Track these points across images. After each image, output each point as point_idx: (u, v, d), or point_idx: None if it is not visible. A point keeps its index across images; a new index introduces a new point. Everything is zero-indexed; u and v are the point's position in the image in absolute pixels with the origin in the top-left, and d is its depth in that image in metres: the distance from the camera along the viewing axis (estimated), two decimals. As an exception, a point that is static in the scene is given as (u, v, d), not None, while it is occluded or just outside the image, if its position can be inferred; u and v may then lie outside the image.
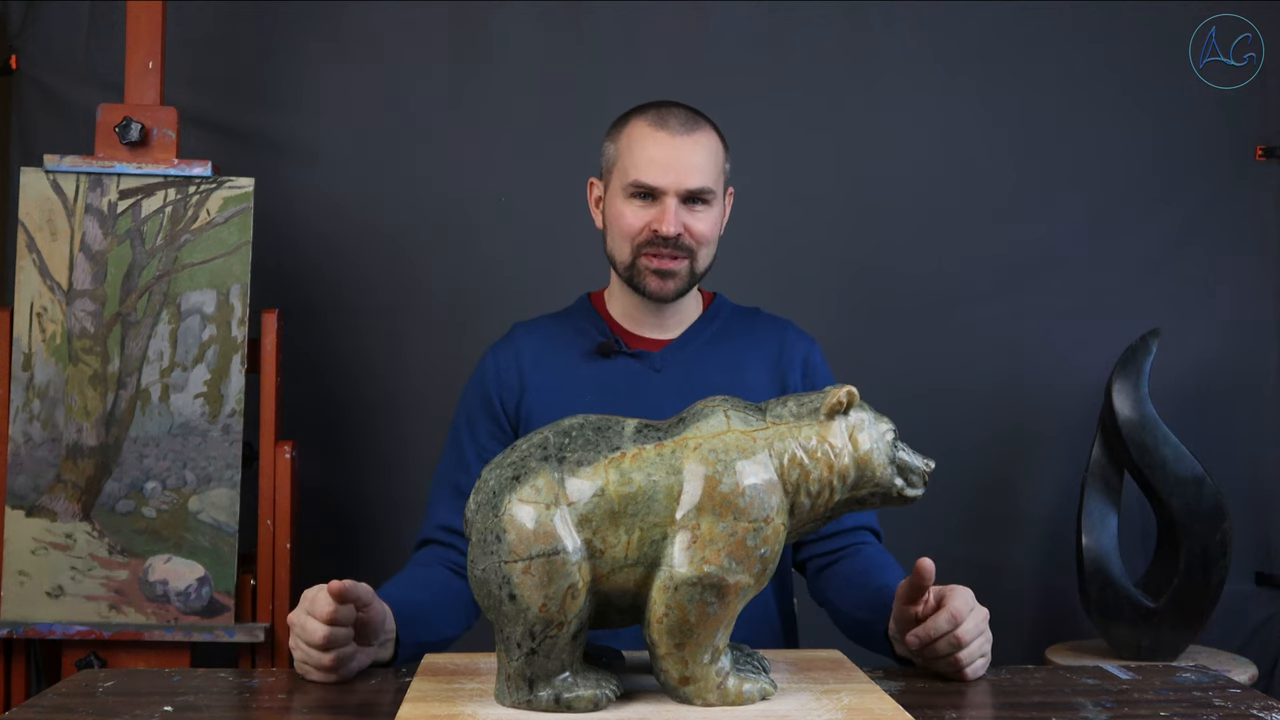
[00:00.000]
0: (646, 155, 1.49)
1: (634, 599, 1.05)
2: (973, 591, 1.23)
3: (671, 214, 1.48)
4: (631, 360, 1.56)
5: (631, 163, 1.50)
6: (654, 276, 1.51)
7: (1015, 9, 2.56)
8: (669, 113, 1.51)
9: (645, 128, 1.51)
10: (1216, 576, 2.24)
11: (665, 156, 1.48)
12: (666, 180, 1.48)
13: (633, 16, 2.52)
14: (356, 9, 2.49)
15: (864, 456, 1.06)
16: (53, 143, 2.35)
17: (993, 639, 1.23)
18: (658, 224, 1.48)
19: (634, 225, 1.51)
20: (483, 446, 1.55)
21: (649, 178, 1.48)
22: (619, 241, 1.53)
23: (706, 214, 1.52)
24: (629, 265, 1.53)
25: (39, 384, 2.10)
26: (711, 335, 1.60)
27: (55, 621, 2.05)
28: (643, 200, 1.50)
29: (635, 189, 1.50)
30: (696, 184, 1.49)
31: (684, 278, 1.53)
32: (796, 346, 1.61)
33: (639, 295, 1.55)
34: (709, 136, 1.52)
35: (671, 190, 1.48)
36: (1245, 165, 2.59)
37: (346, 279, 2.47)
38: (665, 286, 1.52)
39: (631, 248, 1.52)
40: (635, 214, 1.51)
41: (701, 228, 1.51)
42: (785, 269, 2.51)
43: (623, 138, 1.53)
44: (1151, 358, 2.30)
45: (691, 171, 1.48)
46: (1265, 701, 1.15)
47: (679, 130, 1.49)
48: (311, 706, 1.13)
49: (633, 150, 1.50)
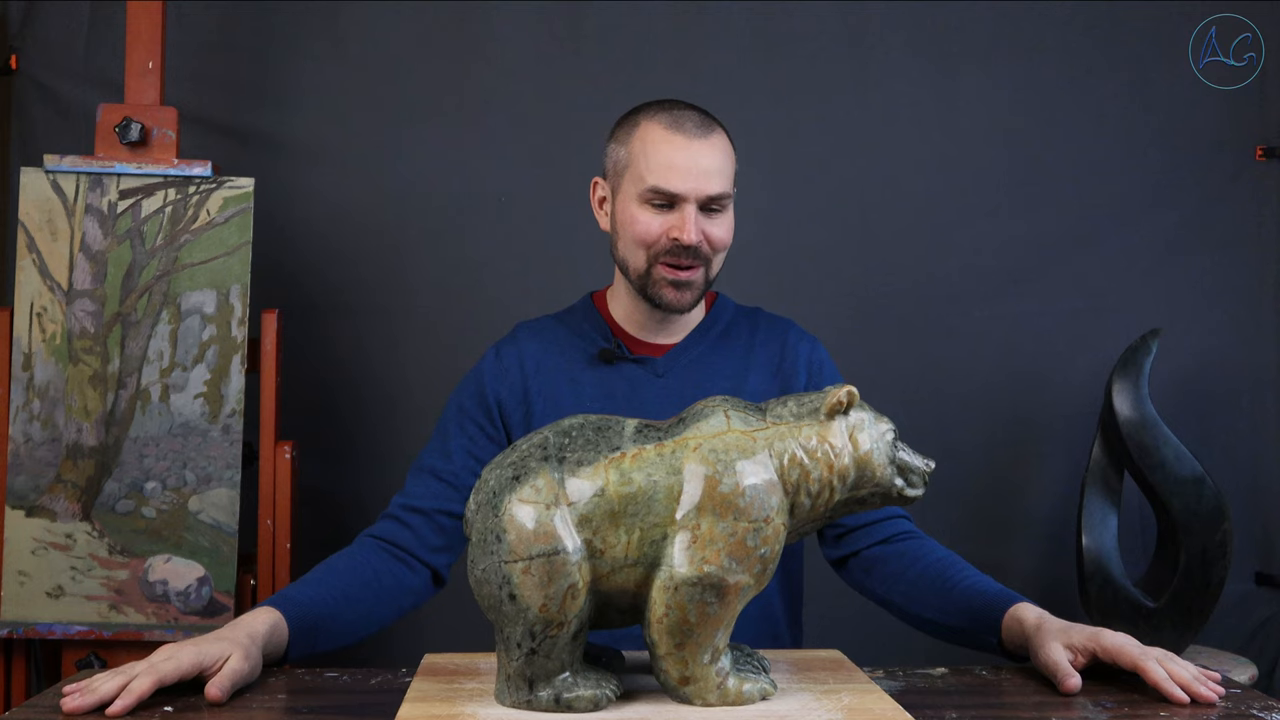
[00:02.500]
0: (664, 160, 1.44)
1: (634, 599, 1.05)
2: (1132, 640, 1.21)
3: (692, 222, 1.43)
4: (634, 366, 1.53)
5: (647, 168, 1.45)
6: (671, 288, 1.47)
7: (1015, 9, 2.56)
8: (684, 115, 1.46)
9: (660, 130, 1.45)
10: (1216, 576, 2.24)
11: (684, 162, 1.43)
12: (686, 187, 1.43)
13: (633, 17, 2.52)
14: (355, 9, 2.49)
15: (864, 456, 1.06)
16: (53, 143, 2.35)
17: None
18: (678, 232, 1.44)
19: (651, 232, 1.45)
20: (470, 438, 1.51)
21: (669, 184, 1.43)
22: (633, 249, 1.48)
23: (723, 220, 1.48)
24: (644, 273, 1.48)
25: (39, 384, 2.10)
26: (714, 340, 1.57)
27: (55, 621, 2.05)
28: (659, 207, 1.45)
29: (653, 195, 1.45)
30: (716, 189, 1.44)
31: (699, 287, 1.49)
32: (799, 348, 1.58)
33: (650, 304, 1.50)
34: (723, 139, 1.48)
35: (692, 197, 1.43)
36: (1245, 165, 2.59)
37: (346, 279, 2.47)
38: (682, 298, 1.48)
39: (648, 256, 1.47)
40: (652, 220, 1.45)
41: (719, 234, 1.47)
42: (785, 269, 2.51)
43: (635, 140, 1.48)
44: (1151, 358, 2.30)
45: (710, 177, 1.44)
46: (1265, 701, 1.15)
47: (695, 134, 1.45)
48: (311, 707, 1.13)
49: (648, 154, 1.45)
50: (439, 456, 1.51)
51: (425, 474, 1.49)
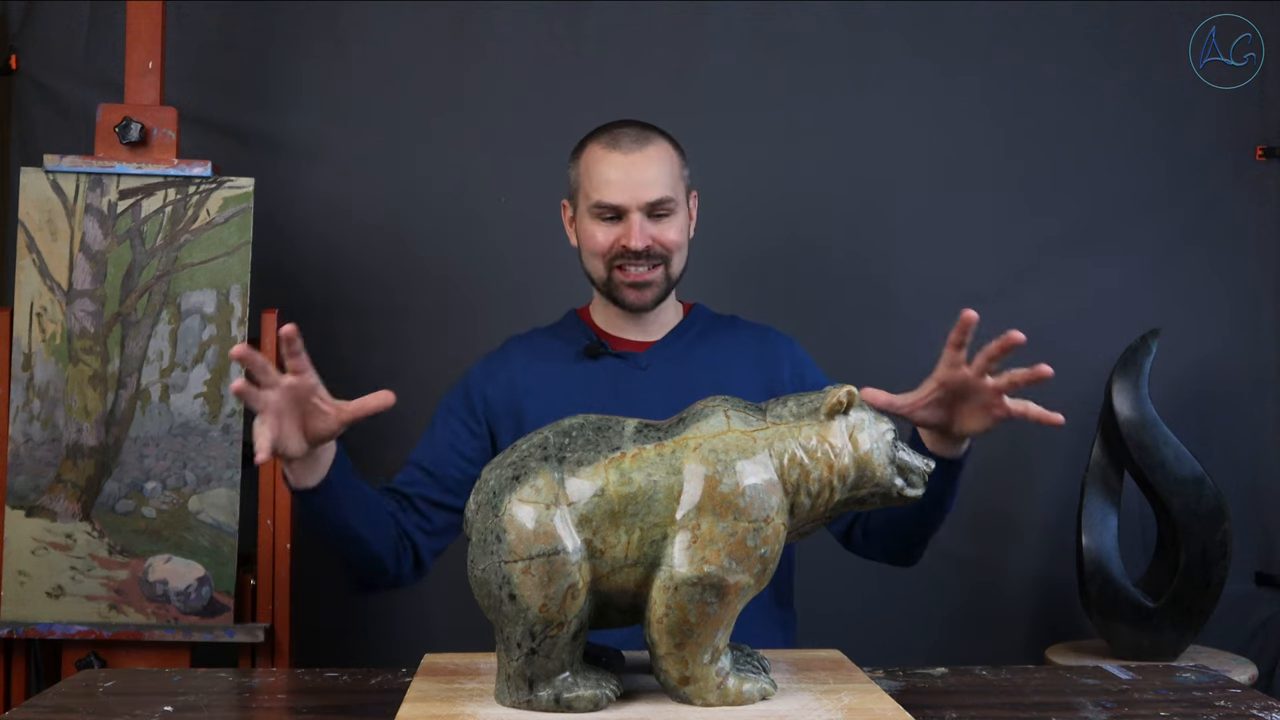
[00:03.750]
0: (603, 177, 1.58)
1: (634, 599, 1.05)
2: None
3: (636, 229, 1.57)
4: (617, 360, 1.63)
5: (591, 185, 1.60)
6: (630, 289, 1.61)
7: (1015, 9, 2.56)
8: (620, 133, 1.60)
9: (599, 150, 1.60)
10: (1216, 576, 2.24)
11: (620, 176, 1.57)
12: (625, 197, 1.57)
13: (633, 17, 2.51)
14: (356, 9, 2.49)
15: (864, 456, 1.06)
16: (53, 143, 2.35)
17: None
18: (625, 240, 1.58)
19: (603, 244, 1.60)
20: (453, 432, 1.62)
21: (610, 197, 1.58)
22: (592, 260, 1.63)
23: (671, 222, 1.60)
24: (605, 280, 1.62)
25: (39, 384, 2.10)
26: (693, 338, 1.68)
27: (55, 621, 2.05)
28: (608, 219, 1.59)
29: (600, 210, 1.59)
30: (655, 196, 1.57)
31: (660, 285, 1.62)
32: (778, 345, 1.69)
33: (619, 306, 1.64)
34: (660, 149, 1.61)
35: (633, 206, 1.57)
36: (1245, 165, 2.59)
37: (346, 279, 2.47)
38: (643, 296, 1.62)
39: (604, 264, 1.61)
40: (604, 232, 1.60)
41: (670, 235, 1.60)
42: (784, 269, 2.51)
43: (581, 162, 1.64)
44: (1151, 358, 2.29)
45: (648, 186, 1.57)
46: (1265, 701, 1.15)
47: (630, 148, 1.58)
48: (311, 707, 1.13)
49: (591, 173, 1.60)
50: (423, 449, 1.63)
51: (409, 465, 1.62)
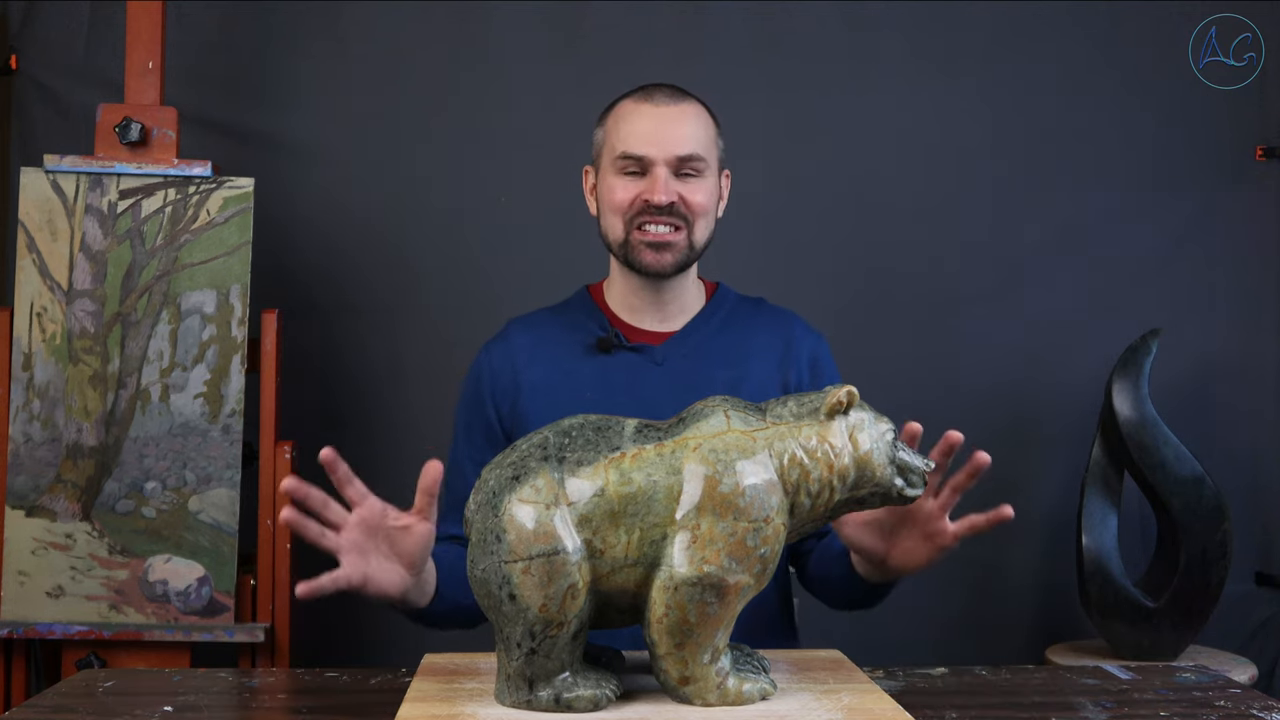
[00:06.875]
0: (632, 128, 1.48)
1: (634, 599, 1.05)
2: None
3: (662, 182, 1.46)
4: (632, 355, 1.52)
5: (618, 138, 1.49)
6: (649, 250, 1.48)
7: (1015, 9, 2.56)
8: (655, 89, 1.52)
9: (631, 104, 1.51)
10: (1216, 576, 2.24)
11: (651, 126, 1.47)
12: (654, 149, 1.46)
13: (633, 17, 2.52)
14: (356, 9, 2.49)
15: (864, 456, 1.06)
16: (53, 143, 2.35)
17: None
18: (649, 194, 1.46)
19: (624, 199, 1.48)
20: (478, 449, 1.54)
21: (636, 148, 1.47)
22: (611, 218, 1.51)
23: (700, 184, 1.49)
24: (623, 242, 1.50)
25: (39, 384, 2.10)
26: (715, 328, 1.56)
27: (55, 621, 2.05)
28: (632, 174, 1.48)
29: (624, 161, 1.48)
30: (686, 150, 1.47)
31: (681, 249, 1.49)
32: (804, 343, 1.58)
33: (636, 273, 1.51)
34: (696, 108, 1.52)
35: (660, 159, 1.46)
36: (1245, 165, 2.59)
37: (346, 279, 2.47)
38: (661, 259, 1.49)
39: (624, 222, 1.49)
40: (625, 187, 1.48)
41: (697, 197, 1.48)
42: (784, 269, 2.51)
43: (610, 119, 1.53)
44: (1151, 358, 2.30)
45: (680, 140, 1.47)
46: (1265, 701, 1.15)
47: (664, 102, 1.49)
48: (311, 707, 1.13)
49: (620, 127, 1.50)
50: (454, 475, 1.54)
51: (443, 502, 1.50)
